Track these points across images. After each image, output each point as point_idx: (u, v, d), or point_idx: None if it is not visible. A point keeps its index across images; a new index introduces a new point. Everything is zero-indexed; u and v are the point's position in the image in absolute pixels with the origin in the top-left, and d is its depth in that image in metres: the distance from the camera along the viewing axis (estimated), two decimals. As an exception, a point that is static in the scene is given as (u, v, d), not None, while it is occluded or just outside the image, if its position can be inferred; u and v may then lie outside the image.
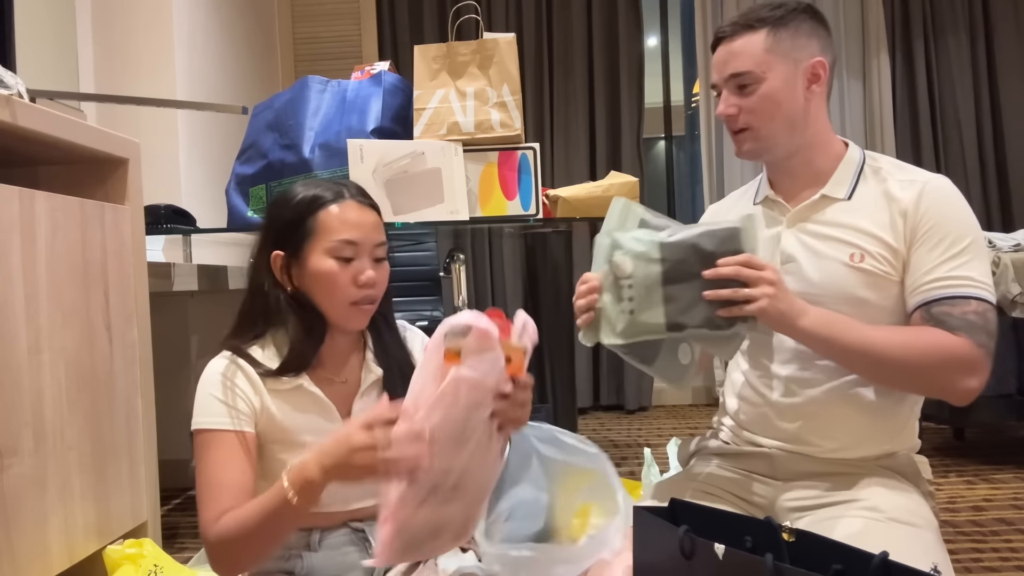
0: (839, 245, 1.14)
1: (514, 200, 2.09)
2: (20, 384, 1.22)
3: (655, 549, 0.92)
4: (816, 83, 1.18)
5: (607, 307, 1.07)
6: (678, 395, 3.93)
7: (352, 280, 1.10)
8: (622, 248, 1.06)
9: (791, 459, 1.17)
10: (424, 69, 2.09)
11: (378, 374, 1.19)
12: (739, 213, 1.12)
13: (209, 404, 1.09)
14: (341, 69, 3.60)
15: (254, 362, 1.11)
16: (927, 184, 1.13)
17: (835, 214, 1.17)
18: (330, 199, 1.12)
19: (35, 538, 1.25)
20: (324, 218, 1.11)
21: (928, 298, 1.08)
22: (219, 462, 1.06)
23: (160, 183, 2.69)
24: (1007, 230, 3.08)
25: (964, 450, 2.81)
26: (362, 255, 1.11)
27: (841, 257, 1.14)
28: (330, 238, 1.10)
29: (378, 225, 1.15)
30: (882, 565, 0.78)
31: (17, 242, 1.23)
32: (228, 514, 1.01)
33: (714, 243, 1.04)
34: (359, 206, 1.14)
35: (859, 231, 1.14)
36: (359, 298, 1.11)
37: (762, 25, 1.16)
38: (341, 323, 1.13)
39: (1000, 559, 1.78)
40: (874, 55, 3.64)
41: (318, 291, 1.11)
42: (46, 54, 2.54)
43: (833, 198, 1.18)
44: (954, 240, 1.09)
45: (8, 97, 1.25)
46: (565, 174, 3.72)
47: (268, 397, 1.12)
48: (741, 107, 1.17)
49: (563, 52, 3.78)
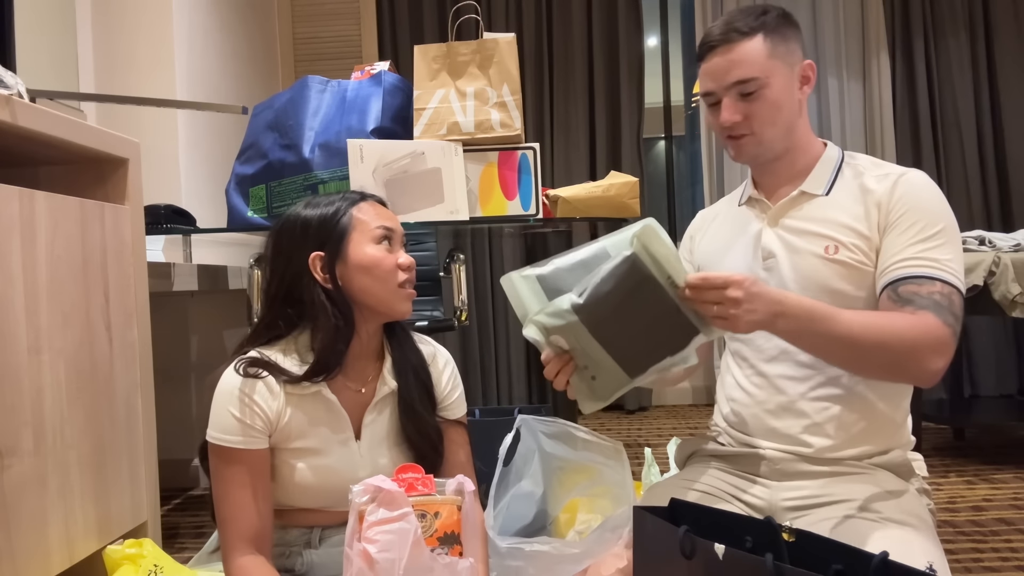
0: (815, 239, 1.17)
1: (514, 200, 2.09)
2: (20, 384, 1.22)
3: (655, 549, 0.92)
4: (807, 84, 1.22)
5: (574, 382, 1.04)
6: (678, 395, 3.93)
7: (396, 263, 1.17)
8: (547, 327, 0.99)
9: (785, 460, 1.18)
10: (424, 69, 2.09)
11: (392, 387, 1.21)
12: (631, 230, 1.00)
13: (226, 420, 1.11)
14: (341, 69, 3.60)
15: (279, 370, 1.13)
16: (902, 176, 1.16)
17: (812, 209, 1.19)
18: (357, 198, 1.21)
19: (35, 538, 1.25)
20: (358, 213, 1.19)
21: (895, 277, 1.09)
22: (236, 482, 1.10)
23: (160, 183, 2.70)
24: (1007, 230, 3.08)
25: (964, 450, 2.81)
26: (397, 243, 1.20)
27: (816, 250, 1.16)
28: (370, 227, 1.18)
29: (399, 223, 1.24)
30: (882, 565, 0.78)
31: (17, 242, 1.23)
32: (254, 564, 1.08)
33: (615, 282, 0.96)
34: (381, 205, 1.24)
35: (834, 223, 1.16)
36: (404, 280, 1.18)
37: (758, 31, 1.16)
38: (390, 307, 1.18)
39: (1000, 559, 1.78)
40: (874, 55, 3.64)
41: (367, 279, 1.16)
42: (46, 54, 2.54)
43: (811, 194, 1.20)
44: (925, 225, 1.11)
45: (8, 97, 1.25)
46: (565, 174, 3.72)
47: (286, 405, 1.14)
48: (746, 112, 1.17)
49: (563, 52, 3.78)
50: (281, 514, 1.17)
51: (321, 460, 1.15)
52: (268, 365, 1.13)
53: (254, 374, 1.12)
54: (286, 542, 1.17)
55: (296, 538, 1.17)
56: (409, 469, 1.00)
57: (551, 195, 2.19)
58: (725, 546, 0.82)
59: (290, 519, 1.18)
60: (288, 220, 1.19)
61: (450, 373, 1.28)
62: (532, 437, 1.50)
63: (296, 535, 1.17)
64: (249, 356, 1.14)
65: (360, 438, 1.18)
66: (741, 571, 0.80)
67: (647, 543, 0.94)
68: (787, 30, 1.19)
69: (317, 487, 1.15)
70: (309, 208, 1.18)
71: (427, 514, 0.96)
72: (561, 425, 1.49)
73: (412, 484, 0.97)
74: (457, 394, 1.28)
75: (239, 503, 1.09)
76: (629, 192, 2.21)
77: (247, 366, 1.13)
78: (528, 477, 1.47)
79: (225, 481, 1.11)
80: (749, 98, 1.17)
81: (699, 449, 1.33)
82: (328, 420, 1.16)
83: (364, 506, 0.95)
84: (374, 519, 0.93)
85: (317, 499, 1.16)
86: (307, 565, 1.15)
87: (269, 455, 1.14)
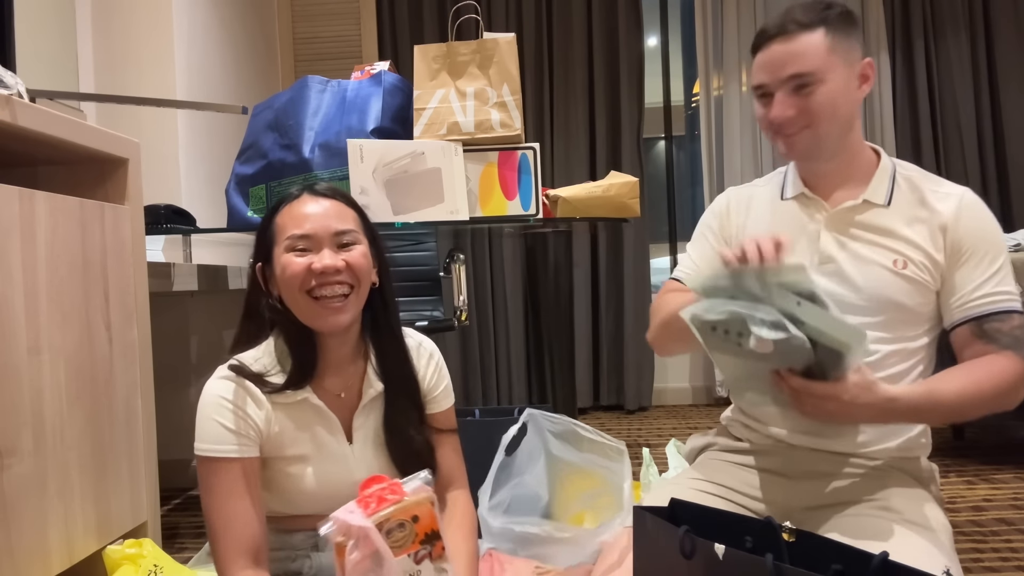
0: (882, 251, 1.16)
1: (514, 200, 2.09)
2: (20, 384, 1.22)
3: (655, 549, 0.92)
4: (865, 83, 1.18)
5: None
6: (678, 395, 3.93)
7: (306, 269, 1.08)
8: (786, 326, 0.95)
9: (807, 455, 1.17)
10: (424, 69, 2.09)
11: (379, 389, 1.18)
12: (849, 328, 0.96)
13: (213, 430, 1.07)
14: (341, 69, 3.60)
15: (260, 381, 1.10)
16: (962, 199, 1.16)
17: (875, 219, 1.18)
18: (288, 199, 1.13)
19: (35, 538, 1.25)
20: (279, 219, 1.12)
21: (978, 313, 1.13)
22: (227, 492, 1.06)
23: (160, 183, 2.69)
24: (1007, 230, 3.07)
25: (964, 450, 2.81)
26: (320, 246, 1.09)
27: (884, 262, 1.15)
28: (284, 236, 1.10)
29: (340, 213, 1.13)
30: (882, 565, 0.78)
31: (17, 242, 1.23)
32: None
33: (824, 354, 0.97)
34: (314, 198, 1.13)
35: (900, 238, 1.16)
36: (314, 286, 1.08)
37: (819, 25, 1.12)
38: (310, 322, 1.11)
39: (1000, 559, 1.78)
40: (874, 55, 3.64)
41: (284, 292, 1.11)
42: (46, 54, 2.54)
43: (873, 203, 1.19)
44: (994, 257, 1.14)
45: (8, 97, 1.25)
46: (565, 174, 3.72)
47: (274, 414, 1.11)
48: (800, 108, 1.14)
49: (563, 52, 3.78)
50: (284, 519, 1.16)
51: (317, 465, 1.13)
52: (251, 375, 1.10)
53: (238, 383, 1.09)
54: (291, 546, 1.16)
55: (301, 541, 1.16)
56: (373, 482, 0.97)
57: (551, 195, 2.19)
58: (725, 546, 0.82)
59: (294, 523, 1.16)
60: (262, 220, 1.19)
61: (435, 365, 1.24)
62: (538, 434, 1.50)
63: (301, 539, 1.16)
64: (231, 366, 1.11)
65: (352, 441, 1.16)
66: (741, 571, 0.80)
67: (647, 543, 0.94)
68: (849, 26, 1.15)
69: (317, 492, 1.13)
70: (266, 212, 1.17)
71: (406, 522, 0.95)
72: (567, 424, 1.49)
73: (381, 497, 0.95)
74: (443, 386, 1.25)
75: (234, 514, 1.05)
76: (629, 192, 2.21)
77: (230, 376, 1.10)
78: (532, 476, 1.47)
79: (217, 493, 1.06)
80: (803, 92, 1.13)
81: (712, 444, 1.32)
82: (319, 425, 1.14)
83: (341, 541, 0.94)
84: (355, 559, 0.93)
85: (318, 504, 1.14)
86: (315, 568, 1.14)
87: (260, 465, 1.11)
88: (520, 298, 3.80)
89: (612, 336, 3.83)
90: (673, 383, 3.94)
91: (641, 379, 3.78)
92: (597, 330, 3.84)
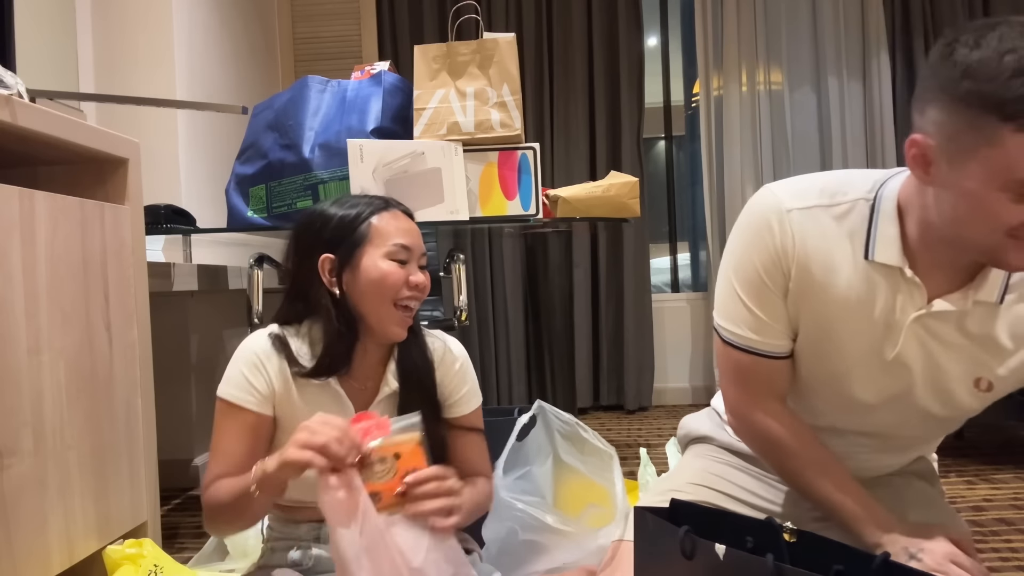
0: (967, 364, 0.96)
1: (514, 200, 2.09)
2: (20, 384, 1.22)
3: (656, 549, 0.92)
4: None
5: None
6: (678, 395, 3.93)
7: (404, 281, 1.14)
8: None
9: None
10: (424, 69, 2.09)
11: (394, 388, 1.20)
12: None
13: (237, 378, 1.14)
14: (341, 69, 3.59)
15: (292, 358, 1.15)
16: None
17: (977, 322, 0.95)
18: (381, 206, 1.18)
19: (35, 538, 1.25)
20: (378, 223, 1.16)
21: None
22: (231, 433, 1.13)
23: (160, 183, 2.69)
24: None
25: (964, 450, 2.81)
26: (413, 260, 1.16)
27: (964, 379, 0.97)
28: (387, 242, 1.15)
29: (421, 236, 1.21)
30: (882, 565, 0.78)
31: (17, 242, 1.23)
32: (220, 481, 1.09)
33: None
34: (406, 216, 1.20)
35: (998, 348, 0.95)
36: (407, 298, 1.15)
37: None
38: (383, 328, 1.15)
39: (1000, 559, 1.78)
40: (874, 55, 3.64)
41: (369, 292, 1.14)
42: (46, 54, 2.54)
43: (984, 302, 0.94)
44: None
45: (8, 97, 1.25)
46: (565, 174, 3.72)
47: (295, 389, 1.16)
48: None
49: (563, 52, 3.78)
50: (291, 509, 1.19)
51: None
52: (287, 351, 1.16)
53: (276, 348, 1.15)
54: (295, 536, 1.18)
55: (306, 532, 1.19)
56: (363, 418, 1.02)
57: (551, 195, 2.19)
58: (726, 546, 0.82)
59: (301, 514, 1.18)
60: (311, 214, 1.20)
61: (458, 369, 1.25)
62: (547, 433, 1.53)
63: (306, 529, 1.19)
64: (274, 334, 1.17)
65: None
66: (742, 571, 0.80)
67: (648, 543, 0.94)
68: None
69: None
70: (334, 207, 1.18)
71: (387, 458, 0.99)
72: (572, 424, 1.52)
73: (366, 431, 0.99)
74: (465, 389, 1.26)
75: (229, 453, 1.11)
76: (629, 192, 2.21)
77: (272, 340, 1.16)
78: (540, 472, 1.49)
79: (222, 432, 1.13)
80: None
81: (711, 438, 1.28)
82: (336, 411, 1.15)
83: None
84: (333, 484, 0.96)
85: None
86: (314, 559, 1.16)
87: (271, 426, 1.15)
88: (520, 298, 3.80)
89: (612, 336, 3.83)
90: (673, 383, 3.94)
91: (641, 379, 3.78)
92: (597, 330, 3.83)
